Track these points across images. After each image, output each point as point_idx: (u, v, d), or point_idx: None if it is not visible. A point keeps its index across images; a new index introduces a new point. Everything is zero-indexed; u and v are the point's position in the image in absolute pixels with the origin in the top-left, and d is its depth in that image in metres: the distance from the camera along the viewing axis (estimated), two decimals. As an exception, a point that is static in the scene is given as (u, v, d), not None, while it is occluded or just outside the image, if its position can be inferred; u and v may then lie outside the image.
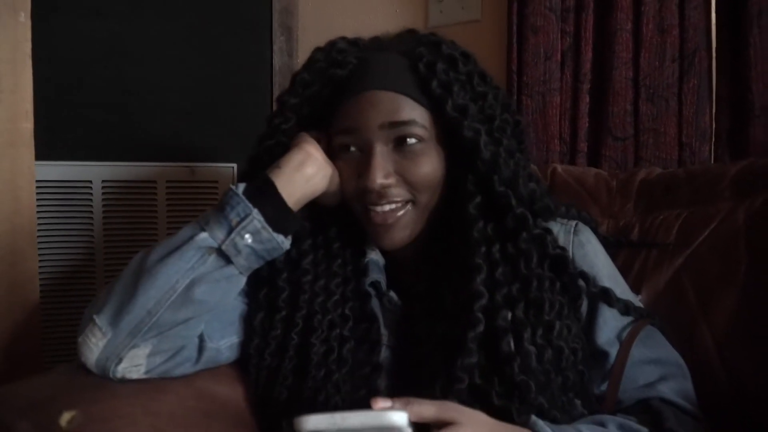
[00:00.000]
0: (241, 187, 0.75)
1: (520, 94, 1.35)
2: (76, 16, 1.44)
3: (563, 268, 0.77)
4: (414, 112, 0.77)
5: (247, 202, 0.73)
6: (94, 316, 0.72)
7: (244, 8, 1.64)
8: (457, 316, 0.73)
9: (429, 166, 0.78)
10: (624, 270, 0.97)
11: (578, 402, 0.74)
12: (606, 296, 0.78)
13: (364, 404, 0.55)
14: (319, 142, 0.80)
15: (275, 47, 1.69)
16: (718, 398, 0.85)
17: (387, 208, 0.78)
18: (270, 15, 1.68)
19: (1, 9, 1.10)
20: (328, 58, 0.83)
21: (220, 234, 0.73)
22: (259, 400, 0.79)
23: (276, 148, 0.82)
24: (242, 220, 0.73)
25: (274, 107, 0.89)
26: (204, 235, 0.73)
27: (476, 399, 0.68)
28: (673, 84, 1.23)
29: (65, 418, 0.63)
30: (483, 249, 0.74)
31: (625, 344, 0.77)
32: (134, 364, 0.72)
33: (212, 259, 0.73)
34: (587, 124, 1.31)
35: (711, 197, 0.98)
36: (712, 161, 1.23)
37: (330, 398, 0.74)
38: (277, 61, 1.69)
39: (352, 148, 0.79)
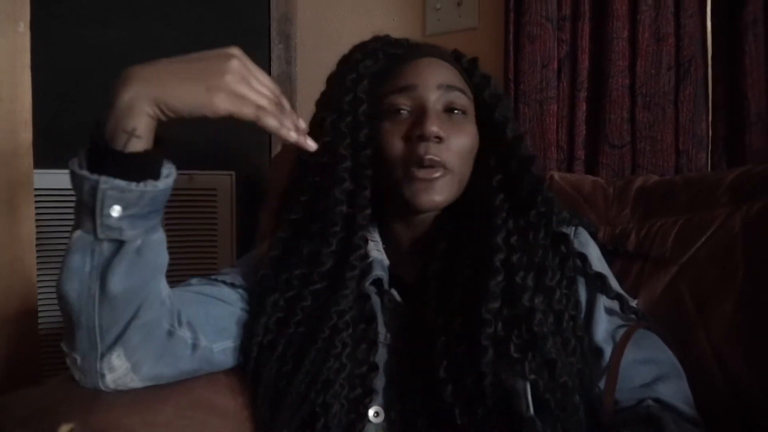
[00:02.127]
0: (82, 153, 0.66)
1: (517, 102, 1.35)
2: (75, 24, 1.45)
3: (564, 245, 0.83)
4: (463, 85, 0.86)
5: (84, 172, 0.64)
6: (62, 344, 0.73)
7: (243, 16, 1.65)
8: (475, 278, 0.77)
9: (471, 137, 0.84)
10: (621, 276, 0.97)
11: (577, 399, 0.75)
12: (602, 281, 0.83)
13: (360, 404, 0.55)
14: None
15: (273, 55, 1.70)
16: (715, 403, 0.85)
17: (430, 168, 0.80)
18: (268, 23, 1.69)
19: (0, 19, 1.10)
20: (380, 40, 0.89)
21: (88, 223, 0.65)
22: (257, 402, 0.79)
23: (353, 106, 0.83)
24: (93, 196, 0.64)
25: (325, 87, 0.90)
26: (78, 233, 0.67)
27: (495, 349, 0.73)
28: (670, 92, 1.24)
29: (63, 429, 0.63)
30: (504, 215, 0.81)
31: (620, 344, 0.79)
32: (119, 375, 0.71)
33: (101, 248, 0.67)
34: (584, 132, 1.32)
35: (708, 204, 0.98)
36: (709, 168, 1.23)
37: (326, 396, 0.75)
38: (275, 68, 1.70)
39: (403, 111, 0.82)
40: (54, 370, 1.30)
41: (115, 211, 0.64)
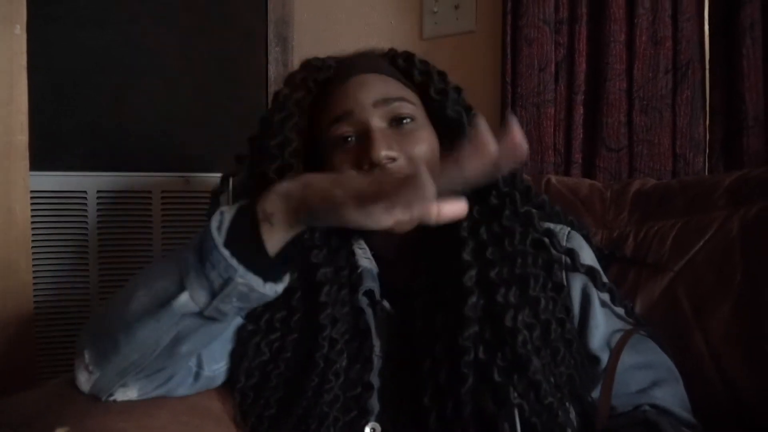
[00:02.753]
0: (224, 227, 0.63)
1: (515, 105, 1.35)
2: (71, 26, 1.44)
3: (551, 242, 0.79)
4: (404, 92, 0.81)
5: (230, 260, 0.62)
6: (84, 350, 0.69)
7: (240, 19, 1.65)
8: (455, 298, 0.73)
9: (428, 144, 0.79)
10: (619, 279, 0.98)
11: (570, 407, 0.74)
12: (592, 275, 0.80)
13: (356, 425, 0.54)
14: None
15: (271, 57, 1.69)
16: (713, 406, 0.85)
17: None
18: (265, 25, 1.69)
19: (-4, 21, 1.10)
20: (307, 68, 0.84)
21: (203, 298, 0.63)
22: (246, 411, 0.77)
23: (281, 148, 0.78)
24: (225, 283, 0.62)
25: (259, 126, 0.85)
26: (185, 298, 0.63)
27: (477, 375, 0.70)
28: (667, 95, 1.24)
29: (58, 433, 0.62)
30: (465, 223, 0.75)
31: (616, 350, 0.77)
32: (126, 397, 0.71)
33: (197, 320, 0.66)
34: (581, 135, 1.32)
35: (706, 207, 0.99)
36: (707, 172, 1.23)
37: (322, 418, 0.73)
38: (272, 71, 1.69)
39: (349, 138, 0.78)
40: (49, 374, 1.30)
41: (235, 302, 0.64)
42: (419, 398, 0.72)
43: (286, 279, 0.68)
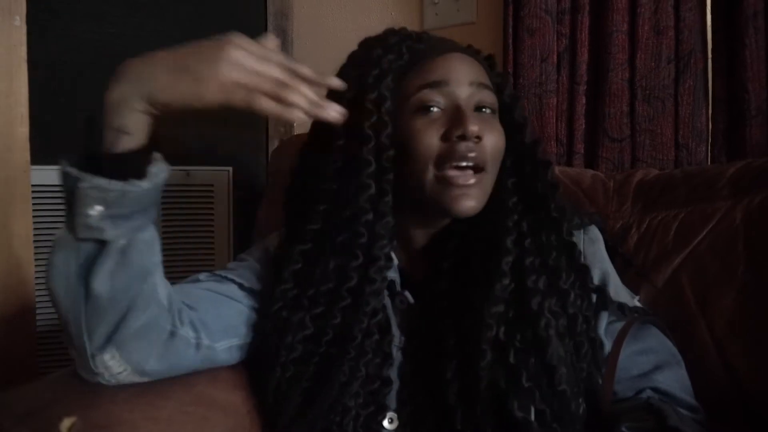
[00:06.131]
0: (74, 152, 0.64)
1: (517, 96, 1.35)
2: (71, 19, 1.44)
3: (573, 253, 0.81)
4: (490, 83, 0.82)
5: (69, 169, 0.62)
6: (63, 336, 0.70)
7: (239, 11, 1.64)
8: (486, 280, 0.75)
9: (502, 137, 0.80)
10: (623, 268, 0.97)
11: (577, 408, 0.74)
12: (602, 295, 0.81)
13: (374, 420, 0.53)
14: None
15: (270, 50, 1.69)
16: (716, 395, 0.86)
17: (468, 170, 0.76)
18: (265, 18, 1.68)
19: (-5, 13, 1.10)
20: (398, 34, 0.83)
21: (71, 221, 0.63)
22: (270, 406, 0.78)
23: (377, 105, 0.77)
24: (74, 194, 0.62)
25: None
26: (62, 231, 0.65)
27: (495, 353, 0.72)
28: (670, 85, 1.23)
29: (65, 424, 0.62)
30: (515, 217, 0.79)
31: (618, 339, 0.78)
32: (117, 373, 0.69)
33: (83, 248, 0.64)
34: (584, 126, 1.32)
35: (709, 197, 0.98)
36: (709, 162, 1.23)
37: (343, 413, 0.74)
38: (272, 64, 1.69)
39: (434, 108, 0.77)
40: (52, 368, 1.29)
41: (96, 210, 0.62)
42: (439, 388, 0.73)
43: (158, 170, 0.66)
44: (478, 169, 0.76)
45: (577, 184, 1.13)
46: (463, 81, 0.78)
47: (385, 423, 0.76)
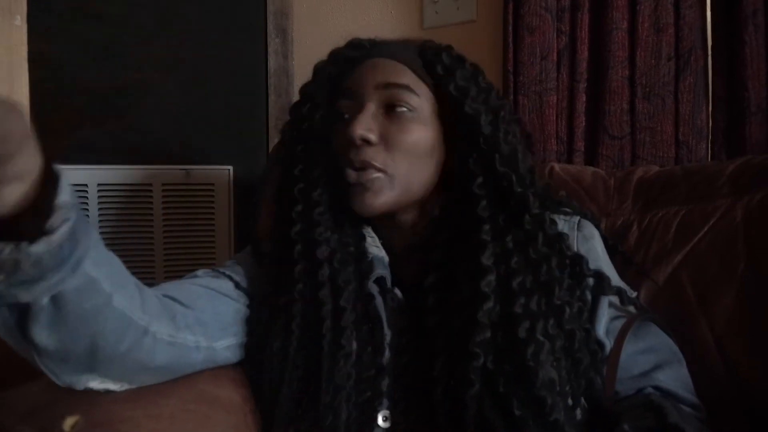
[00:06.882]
0: None
1: (517, 94, 1.35)
2: (71, 18, 1.44)
3: (562, 247, 0.78)
4: (411, 80, 0.79)
5: None
6: None
7: (239, 11, 1.64)
8: (470, 301, 0.72)
9: (415, 135, 0.78)
10: (623, 267, 0.97)
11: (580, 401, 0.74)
12: (599, 280, 0.79)
13: (369, 408, 0.53)
14: None
15: (270, 49, 1.69)
16: (717, 393, 0.85)
17: (370, 169, 0.77)
18: (265, 17, 1.68)
19: (-4, 12, 1.10)
20: (348, 46, 0.86)
21: None
22: (264, 401, 0.78)
23: (311, 112, 0.82)
24: None
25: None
26: None
27: (484, 382, 0.69)
28: (670, 82, 1.24)
29: (68, 422, 0.62)
30: (487, 226, 0.74)
31: (619, 338, 0.78)
32: (111, 389, 0.68)
33: (4, 312, 0.56)
34: (584, 123, 1.32)
35: (709, 194, 0.98)
36: (709, 159, 1.24)
37: (337, 401, 0.73)
38: (272, 63, 1.69)
39: (347, 115, 0.80)
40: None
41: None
42: (429, 391, 0.72)
43: (59, 224, 0.52)
44: (373, 169, 0.77)
45: (578, 181, 1.13)
46: (368, 86, 0.79)
47: (380, 420, 0.75)
